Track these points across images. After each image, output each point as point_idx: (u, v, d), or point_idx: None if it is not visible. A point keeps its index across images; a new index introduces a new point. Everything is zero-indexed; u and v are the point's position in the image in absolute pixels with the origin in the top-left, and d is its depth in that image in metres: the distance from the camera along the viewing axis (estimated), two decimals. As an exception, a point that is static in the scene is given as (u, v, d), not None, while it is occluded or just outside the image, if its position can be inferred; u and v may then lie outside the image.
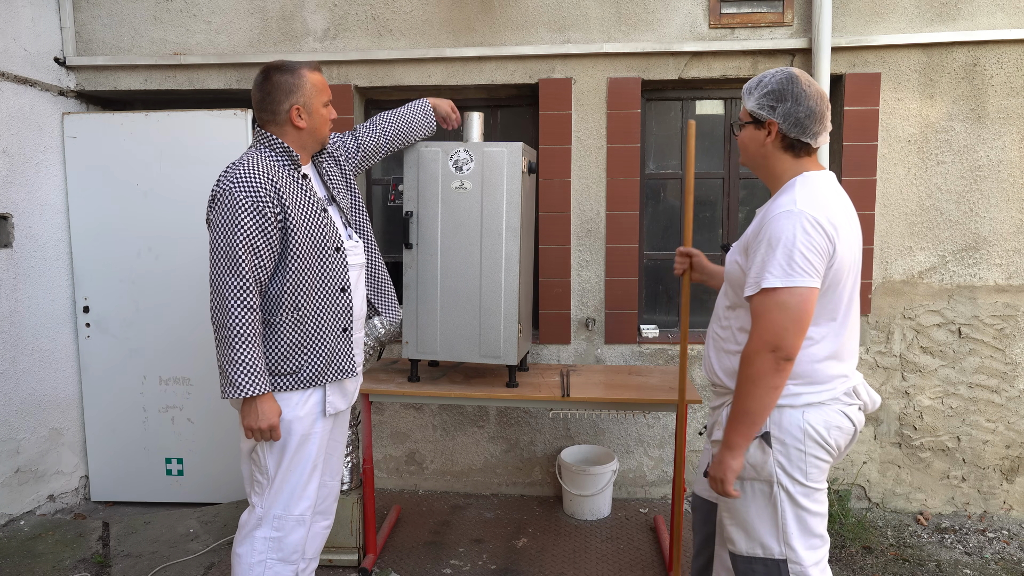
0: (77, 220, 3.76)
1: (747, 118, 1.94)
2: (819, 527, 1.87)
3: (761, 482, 1.86)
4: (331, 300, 2.25)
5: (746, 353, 1.79)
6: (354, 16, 3.66)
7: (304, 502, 2.25)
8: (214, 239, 2.05)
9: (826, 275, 1.79)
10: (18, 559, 3.20)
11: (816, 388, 1.83)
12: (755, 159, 1.96)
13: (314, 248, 2.19)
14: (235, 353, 2.02)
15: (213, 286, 2.04)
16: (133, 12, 3.75)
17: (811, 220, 1.75)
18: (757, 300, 1.78)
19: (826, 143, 1.95)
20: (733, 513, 1.93)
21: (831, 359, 1.85)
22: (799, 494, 1.83)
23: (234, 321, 2.02)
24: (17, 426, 3.52)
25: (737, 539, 1.93)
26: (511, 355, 2.96)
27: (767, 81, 1.89)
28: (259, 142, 2.22)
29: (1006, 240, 3.49)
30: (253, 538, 2.23)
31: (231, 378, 2.03)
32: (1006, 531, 3.49)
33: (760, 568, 1.89)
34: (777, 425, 1.83)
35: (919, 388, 3.60)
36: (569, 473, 3.56)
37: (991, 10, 3.38)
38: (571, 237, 3.69)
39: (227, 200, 2.04)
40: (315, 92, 2.21)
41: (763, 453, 1.83)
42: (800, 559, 1.85)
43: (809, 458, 1.82)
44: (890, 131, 3.49)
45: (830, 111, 1.91)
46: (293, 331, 2.17)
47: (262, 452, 2.21)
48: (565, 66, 3.59)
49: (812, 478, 1.84)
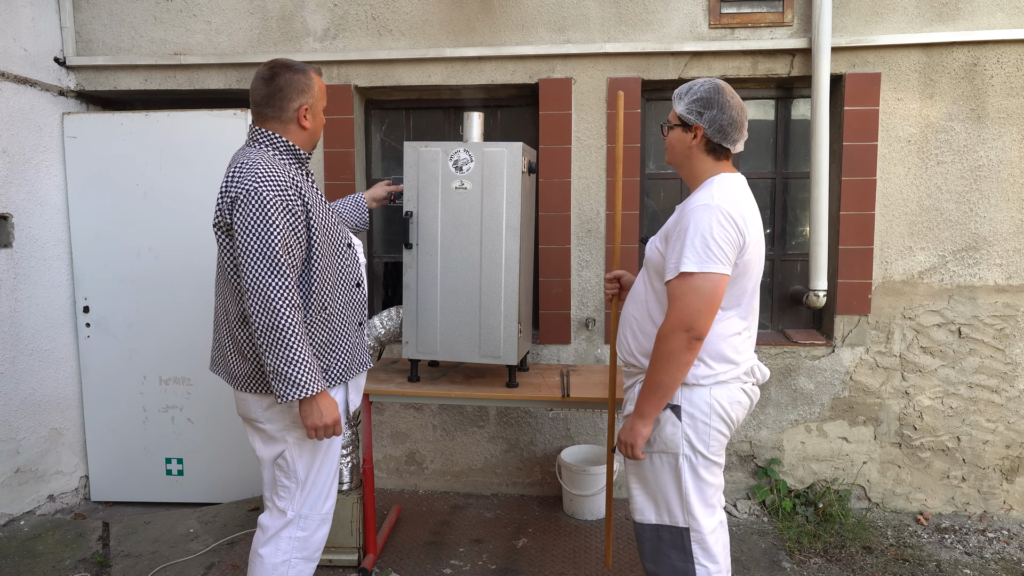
0: (77, 220, 3.76)
1: (676, 121, 2.12)
2: (715, 497, 2.10)
3: (668, 455, 2.07)
4: (350, 296, 2.27)
5: (662, 332, 1.97)
6: (354, 16, 3.66)
7: (330, 501, 2.30)
8: (247, 242, 1.96)
9: (736, 264, 1.98)
10: (18, 559, 3.20)
11: (725, 367, 2.04)
12: (679, 159, 2.15)
13: (332, 246, 2.19)
14: (293, 353, 1.97)
15: (254, 290, 1.95)
16: (133, 12, 3.75)
17: (726, 214, 1.94)
18: (674, 283, 1.96)
19: (741, 149, 2.14)
20: (642, 485, 2.14)
21: (737, 338, 2.05)
22: (701, 465, 2.05)
23: (285, 323, 1.96)
24: (17, 426, 3.52)
25: (645, 509, 2.15)
26: (511, 355, 2.96)
27: (696, 89, 2.07)
28: (259, 141, 2.15)
29: (1006, 240, 3.49)
30: (279, 538, 2.22)
31: (293, 379, 1.98)
32: (1006, 531, 3.49)
33: (666, 535, 2.11)
34: (688, 400, 2.03)
35: (919, 388, 3.60)
36: (569, 473, 3.56)
37: (991, 10, 3.38)
38: (571, 237, 3.69)
39: (256, 200, 1.96)
40: (320, 95, 2.22)
41: (673, 426, 2.04)
42: (700, 527, 2.07)
43: (713, 431, 2.04)
44: (890, 131, 3.49)
45: (747, 122, 2.11)
46: (323, 329, 2.16)
47: (291, 457, 2.18)
48: (565, 66, 3.59)
49: (713, 451, 2.05)
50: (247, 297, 1.97)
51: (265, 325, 1.96)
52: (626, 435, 2.06)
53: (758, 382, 2.15)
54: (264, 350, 1.98)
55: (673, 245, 1.99)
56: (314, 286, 2.11)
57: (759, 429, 3.71)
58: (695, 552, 2.08)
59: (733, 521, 3.55)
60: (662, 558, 2.11)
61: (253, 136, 2.17)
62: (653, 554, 2.14)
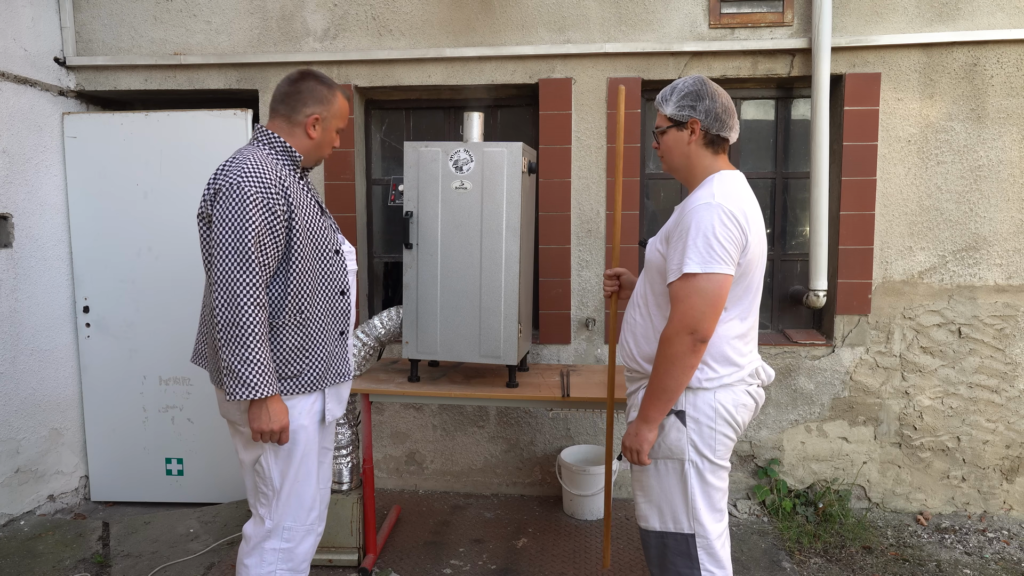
0: (77, 220, 3.76)
1: (667, 123, 2.08)
2: (721, 502, 2.06)
3: (674, 460, 2.03)
4: (332, 303, 2.22)
5: (666, 335, 1.93)
6: (354, 16, 3.66)
7: (313, 511, 2.23)
8: (222, 234, 1.96)
9: (739, 264, 1.94)
10: (18, 559, 3.20)
11: (729, 369, 2.00)
12: (678, 160, 2.10)
13: (317, 250, 2.16)
14: (249, 352, 1.94)
15: (221, 282, 1.94)
16: (133, 12, 3.75)
17: (727, 212, 1.90)
18: (677, 285, 1.92)
19: (736, 138, 2.11)
20: (647, 492, 2.10)
21: (739, 340, 2.02)
22: (707, 470, 2.01)
23: (247, 319, 1.94)
24: (17, 426, 3.52)
25: (649, 516, 2.10)
26: (511, 355, 2.96)
27: (681, 87, 2.05)
28: (259, 140, 2.16)
29: (1006, 240, 3.49)
30: (263, 549, 2.18)
31: (244, 378, 1.95)
32: (1006, 531, 3.49)
33: (671, 542, 2.06)
34: (692, 405, 2.00)
35: (919, 388, 3.60)
36: (569, 473, 3.56)
37: (991, 10, 3.38)
38: (571, 237, 3.68)
39: (236, 194, 1.96)
40: (337, 114, 2.21)
41: (678, 432, 2.00)
42: (707, 532, 2.03)
43: (719, 436, 2.00)
44: (890, 131, 3.49)
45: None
46: (296, 334, 2.12)
47: (267, 463, 2.15)
48: (565, 66, 3.59)
49: (719, 455, 2.01)
50: (213, 289, 1.96)
51: (227, 319, 1.94)
52: (631, 441, 2.03)
53: (763, 383, 2.12)
54: (221, 344, 1.96)
55: (675, 246, 1.96)
56: (291, 288, 2.08)
57: (759, 429, 3.71)
58: (701, 558, 2.04)
59: (733, 521, 3.55)
60: (668, 565, 2.08)
61: (255, 135, 2.19)
62: (659, 560, 2.11)
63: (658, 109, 2.11)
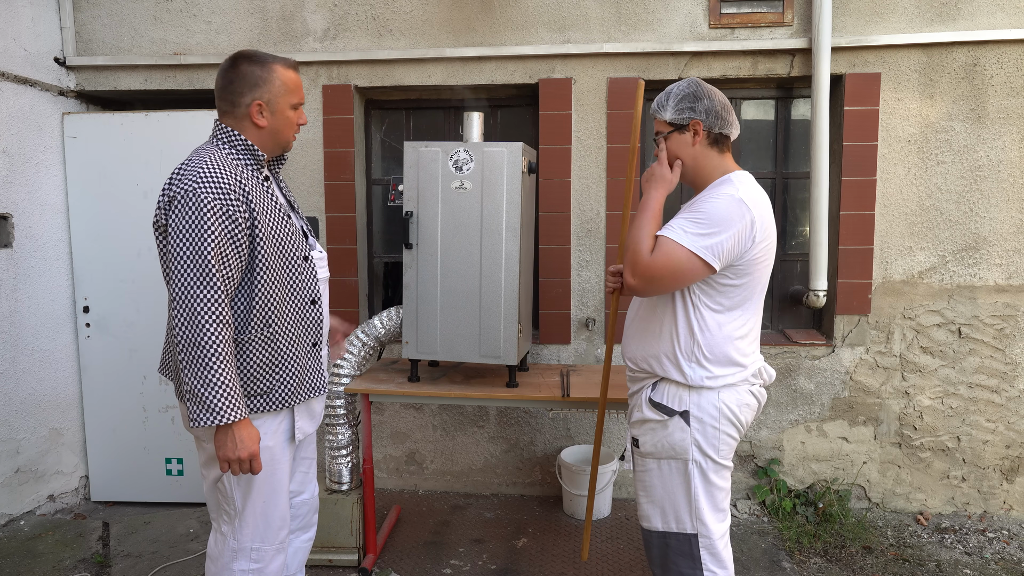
0: (77, 220, 3.76)
1: (668, 128, 2.06)
2: (724, 502, 2.07)
3: (677, 460, 2.03)
4: (301, 313, 2.06)
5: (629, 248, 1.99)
6: (354, 16, 3.66)
7: (282, 531, 2.10)
8: (178, 247, 1.80)
9: (739, 264, 1.93)
10: (18, 559, 3.20)
11: (731, 369, 2.00)
12: (686, 163, 2.07)
13: (283, 257, 2.00)
14: (212, 375, 1.78)
15: (180, 299, 1.78)
16: (133, 12, 3.75)
17: (749, 220, 1.90)
18: (663, 240, 1.93)
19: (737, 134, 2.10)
20: (649, 491, 2.10)
21: (742, 340, 2.01)
22: (711, 470, 2.01)
23: (209, 339, 1.78)
24: (17, 426, 3.52)
25: (652, 516, 2.10)
26: (511, 355, 2.96)
27: (677, 91, 2.04)
28: (217, 137, 2.00)
29: (1006, 240, 3.49)
30: (231, 571, 2.04)
31: (208, 403, 1.78)
32: (1006, 531, 3.49)
33: (673, 542, 2.06)
34: (696, 405, 2.00)
35: (919, 388, 3.60)
36: (569, 473, 3.56)
37: (991, 10, 3.38)
38: (571, 237, 3.69)
39: (191, 202, 1.80)
40: (283, 91, 2.01)
41: (682, 432, 2.00)
42: (710, 532, 2.03)
43: (722, 435, 2.00)
44: (890, 131, 3.49)
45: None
46: (264, 349, 1.97)
47: (228, 483, 2.00)
48: (565, 66, 3.59)
49: (723, 455, 2.02)
50: (171, 306, 1.81)
51: (187, 339, 1.78)
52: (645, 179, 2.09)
53: (765, 383, 2.12)
54: (183, 366, 1.80)
55: (683, 212, 1.98)
56: (256, 300, 1.93)
57: (759, 429, 3.71)
58: (704, 558, 2.04)
59: (733, 521, 3.55)
60: (670, 565, 2.08)
61: (214, 132, 2.03)
62: (661, 561, 2.11)
63: (655, 116, 2.08)
